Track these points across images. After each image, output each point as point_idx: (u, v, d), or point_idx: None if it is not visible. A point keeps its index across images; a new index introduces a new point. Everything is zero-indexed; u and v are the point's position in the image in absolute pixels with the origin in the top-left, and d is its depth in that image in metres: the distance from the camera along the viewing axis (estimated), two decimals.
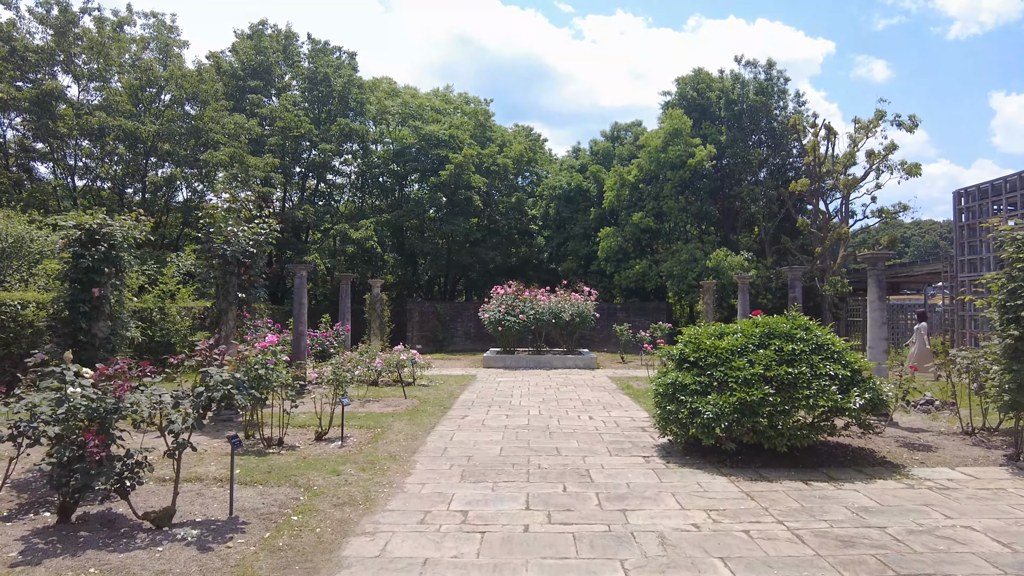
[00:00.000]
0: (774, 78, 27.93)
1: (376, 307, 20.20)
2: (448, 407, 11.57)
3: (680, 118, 25.57)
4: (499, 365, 19.44)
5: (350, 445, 8.36)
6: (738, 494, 6.21)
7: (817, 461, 7.45)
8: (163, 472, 6.80)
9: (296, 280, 14.14)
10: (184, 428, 5.12)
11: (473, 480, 6.71)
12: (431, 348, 26.28)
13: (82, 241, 7.59)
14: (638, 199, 27.33)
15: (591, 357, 19.74)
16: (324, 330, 16.25)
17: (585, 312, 20.31)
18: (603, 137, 33.17)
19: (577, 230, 29.77)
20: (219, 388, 5.26)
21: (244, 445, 8.41)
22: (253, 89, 26.95)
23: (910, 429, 9.53)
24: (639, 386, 14.55)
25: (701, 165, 25.20)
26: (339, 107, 29.06)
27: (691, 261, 24.29)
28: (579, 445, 8.37)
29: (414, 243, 29.36)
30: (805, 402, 6.88)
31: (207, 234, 10.33)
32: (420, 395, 13.07)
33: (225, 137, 23.06)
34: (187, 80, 22.24)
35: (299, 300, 14.02)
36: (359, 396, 12.74)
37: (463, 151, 28.23)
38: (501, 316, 20.03)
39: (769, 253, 26.91)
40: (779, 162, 28.94)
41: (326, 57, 30.05)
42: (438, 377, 16.44)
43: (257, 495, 6.16)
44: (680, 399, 7.36)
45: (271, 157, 24.30)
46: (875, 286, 10.52)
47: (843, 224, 25.10)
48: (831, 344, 7.46)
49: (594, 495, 6.17)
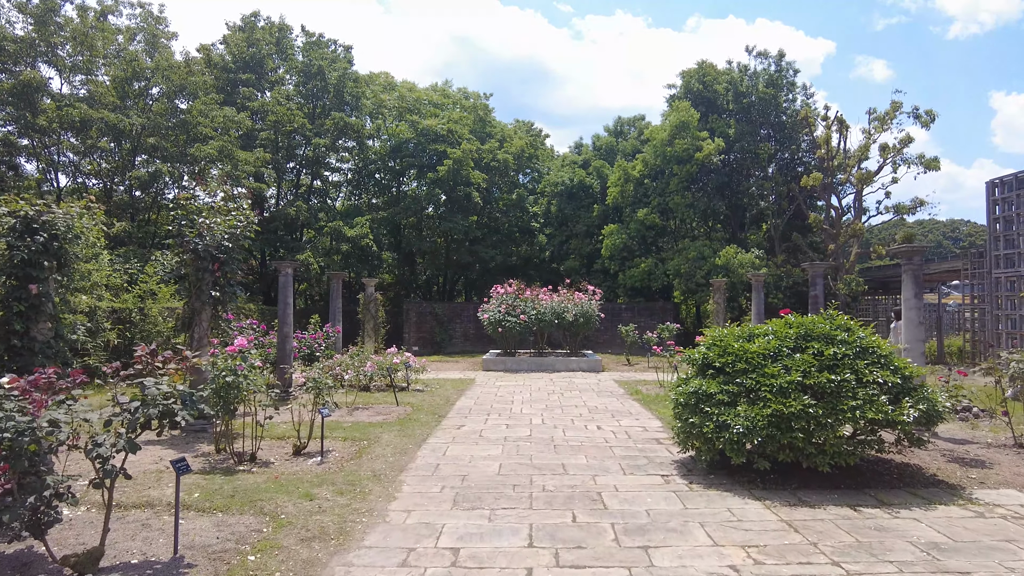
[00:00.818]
0: (784, 69, 27.00)
1: (370, 307, 19.27)
2: (443, 415, 10.64)
3: (687, 110, 24.64)
4: (499, 368, 18.52)
5: (331, 461, 7.44)
6: (778, 524, 5.29)
7: (860, 480, 6.53)
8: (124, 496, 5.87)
9: (281, 278, 13.23)
10: (114, 452, 4.21)
11: (467, 506, 5.78)
12: (429, 350, 25.36)
13: (18, 230, 6.66)
14: (643, 195, 26.42)
15: (596, 359, 18.82)
16: (313, 332, 15.34)
17: (589, 312, 19.39)
18: (606, 132, 32.27)
19: (580, 228, 28.86)
20: (157, 403, 4.34)
21: (213, 461, 7.51)
22: (244, 82, 26.04)
23: (952, 440, 8.61)
24: (648, 391, 13.63)
25: (709, 159, 24.26)
26: (334, 101, 28.14)
27: (699, 259, 23.35)
28: (588, 461, 7.44)
29: (412, 241, 28.47)
30: (851, 414, 5.95)
31: (179, 227, 9.42)
32: (414, 401, 12.15)
33: (214, 131, 22.16)
34: (175, 72, 21.33)
35: (284, 300, 13.11)
36: (347, 403, 11.83)
37: (462, 146, 27.32)
38: (501, 317, 19.12)
39: (779, 251, 25.97)
40: (788, 157, 28.00)
41: (321, 50, 29.14)
42: (434, 381, 15.52)
43: (213, 526, 5.24)
44: (705, 410, 6.43)
45: (263, 152, 23.39)
46: (911, 282, 9.59)
47: (856, 220, 24.17)
48: (877, 347, 6.53)
49: (609, 526, 5.25)
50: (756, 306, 16.35)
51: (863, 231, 23.16)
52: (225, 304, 9.78)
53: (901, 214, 23.66)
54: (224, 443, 7.78)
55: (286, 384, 12.79)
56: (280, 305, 13.21)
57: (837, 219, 24.44)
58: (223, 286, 9.65)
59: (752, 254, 22.84)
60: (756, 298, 16.43)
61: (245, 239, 9.83)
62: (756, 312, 16.30)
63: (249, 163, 22.62)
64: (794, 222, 27.35)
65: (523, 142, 30.28)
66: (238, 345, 7.33)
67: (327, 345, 15.40)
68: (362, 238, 25.14)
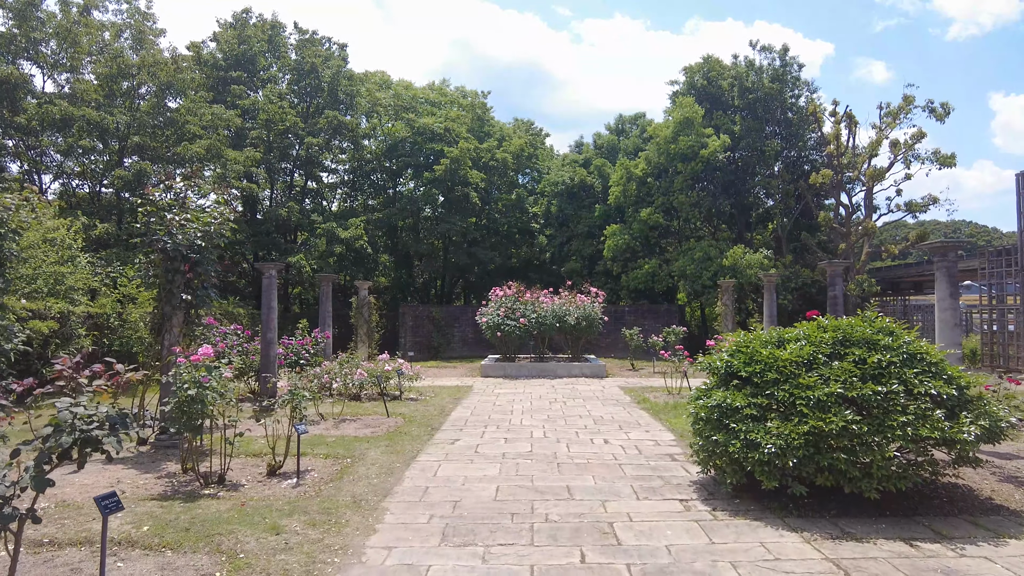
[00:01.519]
0: (788, 64, 26.23)
1: (363, 311, 18.48)
2: (436, 428, 9.84)
3: (691, 106, 23.88)
4: (498, 374, 17.72)
5: (307, 483, 6.64)
6: (823, 564, 4.48)
7: (907, 506, 5.72)
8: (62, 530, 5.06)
9: (264, 280, 12.45)
10: (18, 491, 3.41)
11: (458, 541, 4.98)
12: (425, 355, 24.56)
13: None
14: (646, 194, 25.64)
15: (599, 365, 18.01)
16: (301, 337, 14.51)
17: (592, 316, 18.59)
18: (607, 130, 31.51)
19: (581, 228, 28.07)
20: (75, 429, 3.55)
21: (177, 483, 6.71)
22: (235, 80, 25.27)
23: (995, 454, 7.80)
24: (657, 398, 12.82)
25: (714, 157, 23.49)
26: (328, 100, 27.36)
27: (705, 260, 22.55)
28: (596, 483, 6.63)
29: (408, 243, 27.66)
30: (901, 432, 5.15)
31: (147, 224, 8.63)
32: (406, 411, 11.35)
33: (203, 129, 21.39)
34: (162, 69, 20.56)
35: (267, 303, 12.32)
36: (334, 414, 11.03)
37: (459, 145, 26.57)
38: (500, 320, 18.32)
39: (786, 251, 25.18)
40: (794, 155, 27.21)
41: (314, 47, 28.40)
42: (429, 389, 14.73)
43: (156, 570, 4.44)
44: (730, 426, 5.63)
45: (252, 151, 22.63)
46: (945, 281, 8.80)
47: (867, 219, 23.38)
48: (926, 353, 5.73)
49: (624, 568, 4.44)
50: (768, 308, 15.56)
51: (876, 229, 22.37)
52: (199, 308, 8.98)
53: (913, 212, 22.84)
54: (192, 462, 6.99)
55: (270, 394, 12.00)
56: (264, 309, 12.43)
57: (847, 218, 23.65)
58: (196, 289, 8.86)
59: (761, 254, 22.05)
60: (768, 300, 15.64)
61: (220, 238, 9.04)
62: (768, 314, 15.51)
63: (239, 162, 21.85)
64: (801, 221, 26.58)
65: (522, 141, 29.52)
66: (202, 354, 6.54)
67: (315, 352, 14.59)
68: (356, 240, 24.36)
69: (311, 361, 14.42)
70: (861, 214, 23.73)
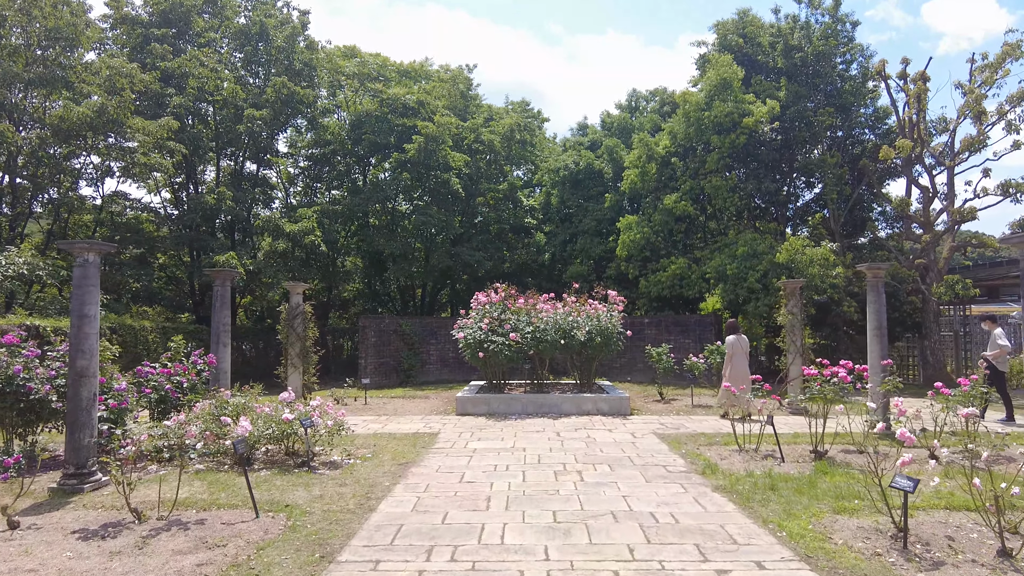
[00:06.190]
0: (840, 20, 21.45)
1: (295, 325, 13.42)
2: (334, 553, 4.77)
3: (729, 65, 19.00)
4: (480, 411, 12.68)
5: None
6: None
7: None
8: None
9: (77, 270, 7.68)
10: None
11: None
12: (392, 380, 19.46)
13: None
14: (670, 178, 20.73)
15: (620, 397, 12.96)
16: (175, 364, 9.46)
17: (609, 330, 13.61)
18: (618, 108, 26.65)
19: (587, 223, 23.10)
20: None
21: None
22: (159, 38, 20.37)
23: None
24: (726, 461, 7.76)
25: (758, 128, 18.60)
26: (280, 70, 22.43)
27: (750, 256, 17.54)
28: None
29: (379, 243, 22.51)
30: None
31: None
32: (302, 500, 6.27)
33: (98, 88, 16.45)
34: (37, 6, 15.67)
35: (78, 310, 7.84)
36: (166, 501, 5.95)
37: (436, 119, 21.68)
38: (483, 336, 13.31)
39: (845, 246, 20.23)
40: (842, 134, 22.36)
41: (266, 8, 23.61)
42: (373, 439, 9.69)
43: None
44: None
45: (171, 120, 17.65)
46: None
47: (950, 204, 18.44)
48: None
49: None
50: (876, 316, 10.48)
51: (975, 213, 17.36)
52: None
53: (1011, 194, 17.77)
54: None
55: (79, 461, 6.97)
56: (73, 318, 7.38)
57: (926, 203, 18.73)
58: None
59: (825, 246, 17.05)
60: (875, 304, 10.57)
61: None
62: (876, 326, 10.44)
63: (149, 133, 16.86)
64: (855, 211, 21.69)
65: (514, 120, 24.58)
66: None
67: (193, 384, 9.50)
68: (306, 234, 19.32)
69: (183, 401, 9.36)
70: (943, 199, 18.79)
